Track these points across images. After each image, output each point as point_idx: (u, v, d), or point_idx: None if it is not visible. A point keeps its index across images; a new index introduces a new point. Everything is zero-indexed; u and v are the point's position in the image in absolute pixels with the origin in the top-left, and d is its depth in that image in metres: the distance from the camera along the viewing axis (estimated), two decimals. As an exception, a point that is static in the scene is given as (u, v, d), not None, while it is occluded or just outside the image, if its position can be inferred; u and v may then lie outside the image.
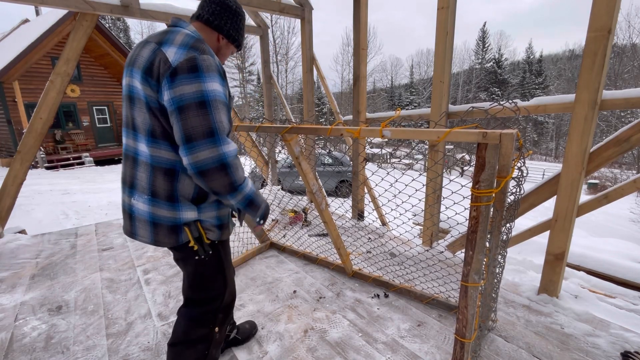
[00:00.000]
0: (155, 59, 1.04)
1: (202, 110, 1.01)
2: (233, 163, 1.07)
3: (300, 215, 3.86)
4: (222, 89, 1.08)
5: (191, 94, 1.00)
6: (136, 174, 1.16)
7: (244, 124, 2.06)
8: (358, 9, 3.46)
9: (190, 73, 1.00)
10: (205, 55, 1.04)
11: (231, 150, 1.07)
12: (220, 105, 1.05)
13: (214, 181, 1.05)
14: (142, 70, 1.07)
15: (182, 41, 1.06)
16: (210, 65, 1.04)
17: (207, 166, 1.02)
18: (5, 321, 2.06)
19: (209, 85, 1.03)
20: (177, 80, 1.00)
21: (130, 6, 3.29)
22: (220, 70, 1.09)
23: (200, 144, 1.00)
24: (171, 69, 1.01)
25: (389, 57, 68.47)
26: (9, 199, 3.30)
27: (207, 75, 1.03)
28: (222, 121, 1.05)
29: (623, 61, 25.26)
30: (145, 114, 1.09)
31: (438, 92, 2.74)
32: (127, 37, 31.93)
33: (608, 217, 9.86)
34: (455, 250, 3.09)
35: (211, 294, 1.32)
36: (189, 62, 1.01)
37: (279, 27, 29.07)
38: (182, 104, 1.00)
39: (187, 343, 1.30)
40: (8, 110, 12.30)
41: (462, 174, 1.41)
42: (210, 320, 1.32)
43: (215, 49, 1.26)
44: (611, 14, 1.81)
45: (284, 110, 6.07)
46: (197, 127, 1.00)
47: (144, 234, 1.18)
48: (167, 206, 1.14)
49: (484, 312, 1.73)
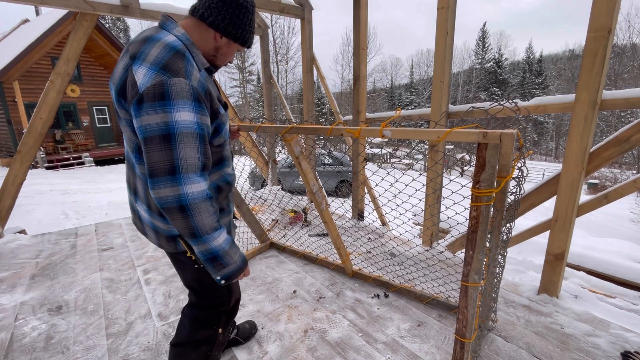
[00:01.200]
0: (127, 80, 0.96)
1: (165, 145, 0.91)
2: (195, 206, 0.95)
3: (300, 215, 3.86)
4: (194, 119, 0.95)
5: (155, 125, 0.90)
6: (137, 184, 1.15)
7: (244, 124, 2.06)
8: (358, 9, 3.46)
9: (155, 101, 0.90)
10: (176, 79, 0.91)
11: (195, 192, 0.94)
12: (189, 138, 0.93)
13: (175, 221, 0.96)
14: (115, 90, 1.00)
15: (155, 58, 0.93)
16: (182, 90, 0.92)
17: (167, 204, 0.94)
18: (5, 321, 2.06)
19: (177, 116, 0.91)
20: (143, 108, 0.91)
21: (130, 6, 3.29)
22: (195, 95, 0.95)
23: (160, 181, 0.92)
24: (137, 96, 0.91)
25: (389, 57, 68.60)
26: (9, 199, 3.30)
27: (176, 103, 0.91)
28: (187, 157, 0.93)
29: (623, 61, 25.26)
30: (129, 130, 1.03)
31: (438, 92, 2.74)
32: (127, 37, 31.95)
33: (608, 217, 9.85)
34: (455, 250, 3.09)
35: (215, 302, 1.30)
36: (155, 88, 0.90)
37: (279, 27, 29.12)
38: (147, 135, 0.91)
39: (191, 344, 1.29)
40: (8, 110, 12.30)
41: (462, 174, 1.41)
42: (214, 322, 1.31)
43: (212, 49, 1.13)
44: (611, 14, 1.81)
45: (284, 110, 6.07)
46: (159, 162, 0.91)
47: (152, 236, 1.20)
48: (161, 219, 1.13)
49: (484, 312, 1.73)
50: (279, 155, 7.30)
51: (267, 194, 4.84)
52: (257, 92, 33.13)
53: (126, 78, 0.96)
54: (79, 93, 14.69)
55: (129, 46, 1.02)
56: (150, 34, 1.01)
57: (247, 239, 3.20)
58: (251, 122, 2.14)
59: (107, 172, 12.39)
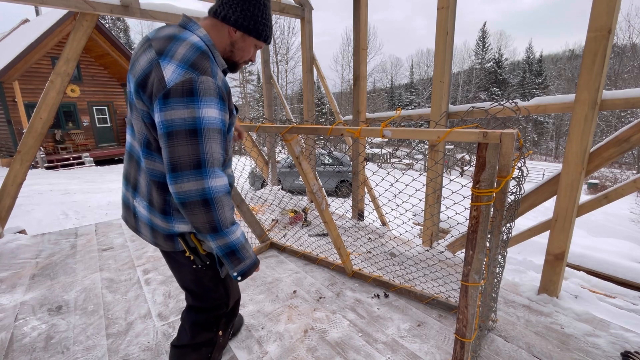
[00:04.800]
0: (151, 74, 0.97)
1: (192, 139, 0.93)
2: (219, 200, 0.98)
3: (300, 215, 3.86)
4: (219, 115, 0.99)
5: (182, 120, 0.92)
6: (139, 179, 1.14)
7: (244, 123, 2.06)
8: (358, 9, 3.46)
9: (184, 97, 0.92)
10: (204, 77, 0.95)
11: (219, 186, 0.98)
12: (214, 134, 0.97)
13: (195, 216, 0.97)
14: (135, 82, 1.01)
15: (184, 56, 0.96)
16: (209, 88, 0.95)
17: (189, 199, 0.95)
18: (5, 321, 2.06)
19: (204, 112, 0.94)
20: (170, 103, 0.92)
21: (130, 6, 3.29)
22: (220, 93, 0.99)
23: (185, 175, 0.94)
24: (165, 90, 0.93)
25: (389, 57, 68.51)
26: (9, 199, 3.30)
27: (204, 100, 0.94)
28: (213, 152, 0.97)
29: (623, 61, 25.25)
30: (140, 123, 1.05)
31: (438, 92, 2.74)
32: (127, 37, 31.93)
33: (608, 217, 9.85)
34: (455, 250, 3.09)
35: (212, 304, 1.30)
36: (184, 85, 0.92)
37: (279, 27, 29.10)
38: (172, 130, 0.93)
39: (192, 346, 1.30)
40: (8, 110, 12.31)
41: (462, 174, 1.41)
42: (214, 325, 1.32)
43: (228, 45, 1.13)
44: (611, 14, 1.81)
45: (284, 110, 6.07)
46: (184, 156, 0.93)
47: (146, 234, 1.20)
48: (161, 217, 1.13)
49: (484, 312, 1.73)
50: (279, 155, 7.30)
51: (267, 194, 4.84)
52: (257, 92, 33.13)
53: (150, 71, 0.98)
54: (79, 93, 14.70)
55: (151, 42, 1.03)
56: (174, 33, 1.02)
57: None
58: (251, 122, 2.14)
59: (107, 172, 12.39)
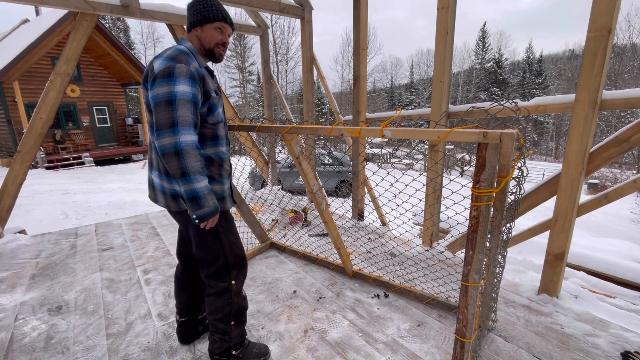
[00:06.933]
0: (149, 69, 1.37)
1: (169, 107, 1.27)
2: (186, 151, 1.28)
3: (300, 215, 3.86)
4: (190, 90, 1.31)
5: (162, 94, 1.27)
6: (153, 156, 1.51)
7: (244, 123, 2.06)
8: (358, 9, 3.46)
9: (164, 78, 1.28)
10: (179, 64, 1.30)
11: (188, 141, 1.28)
12: (185, 103, 1.29)
13: (169, 164, 1.28)
14: (143, 79, 1.41)
15: (168, 54, 1.34)
16: (182, 71, 1.30)
17: (166, 150, 1.26)
18: (5, 321, 2.07)
19: (178, 87, 1.28)
20: (156, 83, 1.29)
21: (130, 6, 3.29)
22: (192, 75, 1.33)
23: (164, 132, 1.26)
24: (153, 76, 1.31)
25: (389, 57, 68.39)
26: (9, 199, 3.30)
27: (178, 79, 1.29)
28: (184, 115, 1.28)
29: (623, 61, 25.25)
30: (148, 113, 1.39)
31: (438, 92, 2.74)
32: (127, 37, 31.87)
33: (608, 217, 9.86)
34: (455, 250, 3.09)
35: (211, 255, 1.55)
36: (165, 70, 1.29)
37: (279, 27, 29.11)
38: (156, 101, 1.28)
39: (215, 294, 1.59)
40: (8, 110, 12.30)
41: (462, 174, 1.41)
42: (225, 275, 1.58)
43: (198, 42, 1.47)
44: (611, 14, 1.81)
45: (284, 110, 6.07)
46: (164, 119, 1.26)
47: (160, 199, 1.51)
48: (167, 179, 1.45)
49: (484, 312, 1.73)
50: (279, 155, 7.30)
51: (267, 194, 4.84)
52: (257, 92, 33.12)
53: (149, 68, 1.37)
54: (79, 93, 14.69)
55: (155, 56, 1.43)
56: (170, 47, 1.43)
57: (247, 239, 3.20)
58: (251, 122, 2.14)
59: (107, 172, 12.39)
